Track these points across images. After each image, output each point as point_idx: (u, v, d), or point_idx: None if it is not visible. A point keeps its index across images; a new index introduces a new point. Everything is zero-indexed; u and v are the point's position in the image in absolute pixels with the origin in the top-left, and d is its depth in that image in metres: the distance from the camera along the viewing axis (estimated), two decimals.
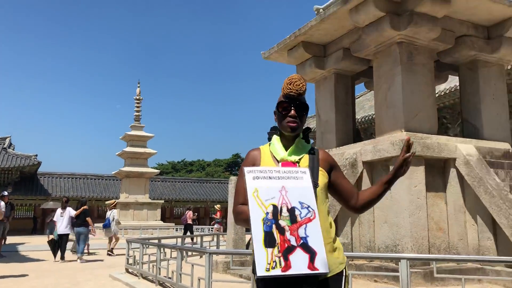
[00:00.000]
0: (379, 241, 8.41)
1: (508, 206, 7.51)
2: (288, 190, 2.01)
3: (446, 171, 8.65)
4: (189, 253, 9.18)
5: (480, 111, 9.91)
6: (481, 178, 7.98)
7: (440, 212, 8.38)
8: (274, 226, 1.90)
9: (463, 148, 8.53)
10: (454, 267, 7.59)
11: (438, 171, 8.66)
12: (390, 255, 5.83)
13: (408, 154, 2.31)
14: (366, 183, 8.97)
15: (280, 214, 1.94)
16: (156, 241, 10.64)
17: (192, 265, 7.04)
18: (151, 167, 35.36)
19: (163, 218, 38.67)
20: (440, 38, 9.33)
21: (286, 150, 2.34)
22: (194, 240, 18.74)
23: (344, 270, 2.27)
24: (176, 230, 30.16)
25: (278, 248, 1.86)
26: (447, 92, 23.00)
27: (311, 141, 9.55)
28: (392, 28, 8.74)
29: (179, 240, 13.94)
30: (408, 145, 2.32)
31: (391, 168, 8.30)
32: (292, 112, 2.31)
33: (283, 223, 1.92)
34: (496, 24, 9.86)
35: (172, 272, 7.77)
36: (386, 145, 8.45)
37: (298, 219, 1.95)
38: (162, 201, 36.07)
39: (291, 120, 2.31)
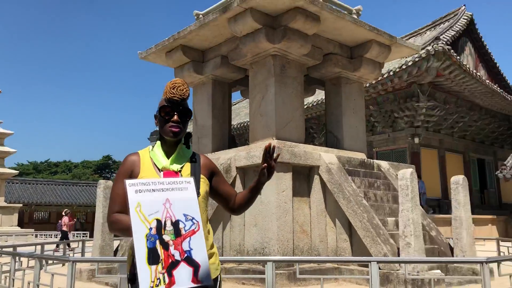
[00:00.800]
0: (248, 244, 8.69)
1: (362, 210, 8.33)
2: (173, 203, 1.95)
3: (310, 177, 9.30)
4: (50, 261, 8.48)
5: (341, 124, 10.86)
6: (340, 185, 8.74)
7: (304, 216, 8.98)
8: (158, 241, 1.85)
9: (326, 157, 9.26)
10: (315, 267, 8.18)
11: (304, 177, 9.27)
12: (257, 258, 6.10)
13: (265, 165, 2.33)
14: (238, 188, 9.22)
15: (164, 229, 1.88)
16: (10, 249, 9.62)
17: (52, 275, 6.52)
18: (9, 167, 31.98)
19: (21, 224, 35.14)
20: (310, 54, 10.04)
21: (168, 157, 2.28)
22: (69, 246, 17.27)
23: (219, 275, 2.30)
24: (36, 237, 27.59)
25: (162, 264, 1.82)
26: (314, 104, 24.77)
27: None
28: (268, 40, 9.15)
29: (39, 247, 12.80)
30: (267, 153, 2.32)
31: None
32: (175, 117, 2.27)
33: (167, 237, 1.88)
34: (359, 45, 10.92)
35: (29, 283, 7.11)
36: (259, 151, 8.80)
37: (182, 232, 1.91)
38: (20, 205, 32.77)
39: (173, 125, 2.27)
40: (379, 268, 7.63)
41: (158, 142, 2.35)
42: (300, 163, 8.89)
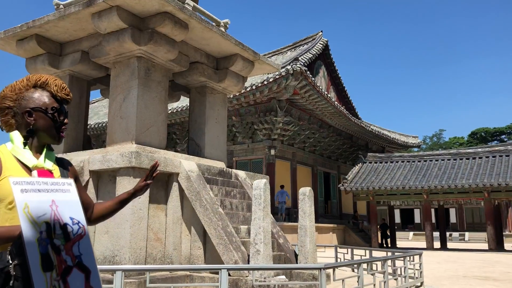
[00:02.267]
0: (98, 253, 8.25)
1: (217, 218, 8.54)
2: (59, 205, 1.80)
3: (169, 184, 9.23)
4: None
5: (204, 132, 11.03)
6: (198, 193, 8.84)
7: (159, 223, 8.86)
8: (49, 246, 1.70)
9: (186, 164, 9.29)
10: (168, 275, 8.10)
11: (162, 184, 9.16)
12: (105, 267, 5.84)
13: (150, 181, 2.33)
14: (91, 193, 8.73)
15: (54, 232, 1.73)
16: None
17: None
18: None
19: None
20: (176, 60, 10.01)
21: (35, 155, 2.05)
22: None
23: None
24: None
25: (56, 270, 1.68)
26: (179, 110, 24.69)
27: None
28: (133, 41, 8.89)
29: None
30: (153, 170, 2.33)
31: (118, 179, 8.34)
32: (66, 120, 2.11)
33: (57, 242, 1.73)
34: (225, 58, 11.23)
35: None
36: (115, 155, 8.45)
37: (71, 236, 1.78)
38: None
39: (64, 129, 2.10)
40: (230, 275, 7.89)
41: (17, 139, 2.05)
42: (159, 169, 8.75)
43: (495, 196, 24.54)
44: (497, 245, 25.14)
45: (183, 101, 22.05)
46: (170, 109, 25.28)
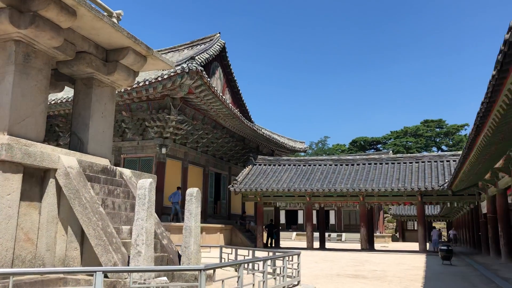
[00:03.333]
0: None
1: (97, 218, 8.13)
2: None
3: (45, 181, 8.57)
4: None
5: (88, 126, 10.43)
6: (78, 191, 8.33)
7: (32, 223, 8.18)
8: None
9: (66, 160, 8.71)
10: (38, 278, 7.50)
11: (36, 180, 8.47)
12: None
13: None
14: None
15: None
16: None
17: None
18: None
19: None
20: (61, 48, 9.35)
21: None
22: None
23: None
24: None
25: None
26: (64, 101, 23.10)
27: None
28: (11, 23, 8.12)
29: None
30: None
31: None
32: None
33: None
34: (115, 50, 10.73)
35: None
36: None
37: None
38: None
39: None
40: (107, 277, 7.57)
41: None
42: (34, 164, 8.09)
43: (369, 200, 26.83)
44: (368, 245, 27.47)
45: (69, 92, 20.66)
46: (53, 100, 23.51)
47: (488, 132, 10.33)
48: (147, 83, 21.59)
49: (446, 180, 24.52)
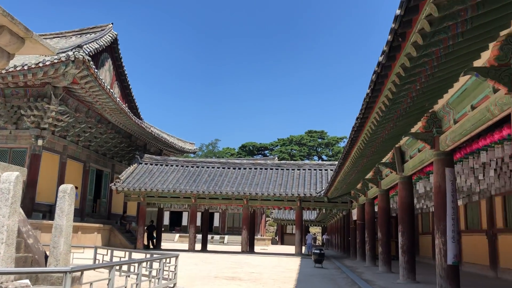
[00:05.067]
0: None
1: None
2: None
3: None
4: None
5: None
6: None
7: None
8: None
9: None
10: None
11: None
12: None
13: None
14: None
15: None
16: None
17: None
18: None
19: None
20: None
21: None
22: None
23: None
24: None
25: None
26: None
27: None
28: None
29: None
30: None
31: None
32: None
33: None
34: None
35: None
36: None
37: None
38: None
39: None
40: None
41: None
42: None
43: (252, 203, 27.56)
44: (249, 248, 28.18)
45: None
46: None
47: (360, 145, 11.23)
48: (25, 68, 19.80)
49: (323, 188, 26.18)
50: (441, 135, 9.23)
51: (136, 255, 12.42)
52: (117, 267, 7.11)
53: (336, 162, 20.20)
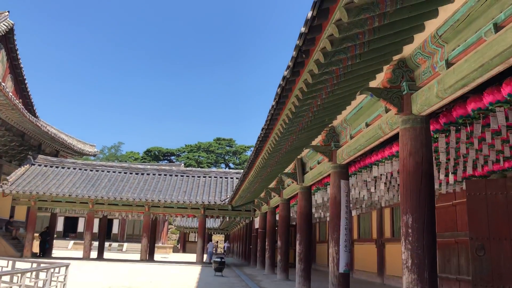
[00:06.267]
0: None
1: None
2: None
3: None
4: None
5: None
6: None
7: None
8: None
9: None
10: None
11: None
12: None
13: None
14: None
15: None
16: None
17: None
18: None
19: None
20: None
21: None
22: None
23: None
24: None
25: None
26: None
27: None
28: None
29: None
30: None
31: None
32: None
33: None
34: None
35: None
36: None
37: None
38: None
39: None
40: None
41: None
42: None
43: (154, 210, 26.83)
44: (149, 256, 27.35)
45: None
46: None
47: (265, 155, 11.48)
48: None
49: (228, 196, 26.33)
50: (339, 149, 9.74)
51: (22, 264, 11.40)
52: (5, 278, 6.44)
53: (242, 170, 20.45)
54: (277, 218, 20.43)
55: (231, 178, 29.91)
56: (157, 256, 32.25)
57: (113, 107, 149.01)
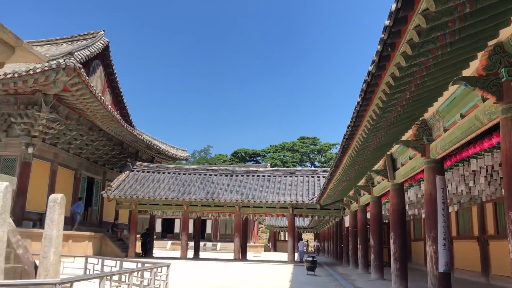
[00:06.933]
0: None
1: None
2: None
3: None
4: None
5: None
6: None
7: None
8: None
9: None
10: None
11: None
12: None
13: None
14: None
15: None
16: None
17: None
18: None
19: None
20: None
21: None
22: None
23: None
24: None
25: None
26: None
27: None
28: None
29: None
30: None
31: None
32: None
33: None
34: None
35: None
36: None
37: None
38: None
39: None
40: None
41: None
42: None
43: (245, 210, 27.48)
44: (241, 255, 28.08)
45: None
46: None
47: (352, 153, 11.27)
48: (16, 75, 19.68)
49: (316, 195, 26.20)
50: (432, 143, 9.28)
51: (128, 264, 12.32)
52: (108, 277, 7.04)
53: (329, 169, 20.24)
54: (368, 216, 19.94)
55: (318, 177, 29.72)
56: (249, 255, 32.99)
57: (200, 113, 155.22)
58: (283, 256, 34.06)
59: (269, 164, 61.78)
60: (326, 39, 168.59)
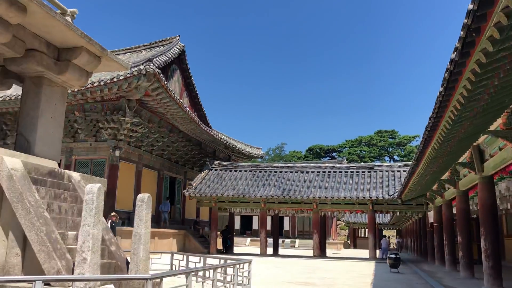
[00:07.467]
0: None
1: (41, 223, 7.80)
2: None
3: None
4: None
5: (36, 127, 10.02)
6: (21, 194, 7.98)
7: None
8: None
9: (10, 162, 8.32)
10: None
11: None
12: None
13: None
14: None
15: None
16: None
17: None
18: None
19: None
20: (10, 44, 8.95)
21: None
22: None
23: None
24: None
25: None
26: (13, 98, 22.16)
27: None
28: None
29: None
30: None
31: None
32: None
33: None
34: (68, 49, 10.37)
35: None
36: None
37: None
38: None
39: None
40: (50, 285, 7.28)
41: None
42: None
43: (322, 207, 27.25)
44: (321, 252, 27.88)
45: (18, 89, 19.82)
46: (1, 97, 22.50)
47: (435, 145, 10.75)
48: (102, 83, 21.06)
49: (396, 190, 25.30)
50: None
51: (210, 260, 12.74)
52: (193, 273, 7.33)
53: (410, 163, 19.45)
54: (454, 211, 18.90)
55: (398, 171, 28.68)
56: (328, 252, 32.66)
57: (274, 110, 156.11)
58: (364, 253, 33.31)
59: (345, 160, 60.65)
60: (400, 28, 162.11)
